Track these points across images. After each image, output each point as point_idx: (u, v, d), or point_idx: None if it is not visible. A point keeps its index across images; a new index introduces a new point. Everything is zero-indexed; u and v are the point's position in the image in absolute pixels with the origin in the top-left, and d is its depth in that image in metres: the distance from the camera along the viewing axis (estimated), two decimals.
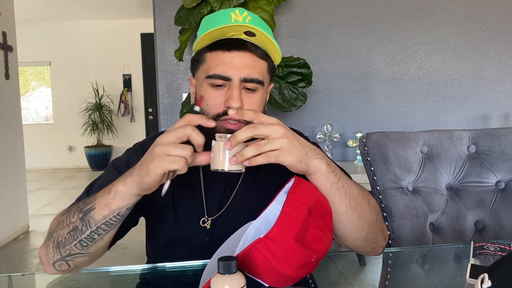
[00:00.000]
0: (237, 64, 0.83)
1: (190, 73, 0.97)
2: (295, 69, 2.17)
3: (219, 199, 0.92)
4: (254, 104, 0.86)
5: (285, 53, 2.43)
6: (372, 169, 1.22)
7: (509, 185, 1.25)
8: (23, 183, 3.80)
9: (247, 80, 0.83)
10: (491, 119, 2.60)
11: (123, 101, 6.91)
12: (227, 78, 0.83)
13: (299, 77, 2.18)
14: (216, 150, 0.70)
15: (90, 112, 6.73)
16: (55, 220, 0.81)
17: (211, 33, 0.82)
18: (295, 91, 2.18)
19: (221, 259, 0.58)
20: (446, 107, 2.59)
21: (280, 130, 0.69)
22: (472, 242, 0.89)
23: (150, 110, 6.78)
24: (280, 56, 0.89)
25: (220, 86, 0.84)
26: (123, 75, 6.96)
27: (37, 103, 7.36)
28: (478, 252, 0.85)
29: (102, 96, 6.82)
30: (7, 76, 3.49)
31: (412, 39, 2.54)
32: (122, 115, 6.94)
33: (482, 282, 0.55)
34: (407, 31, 2.53)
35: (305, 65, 2.17)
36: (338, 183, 0.75)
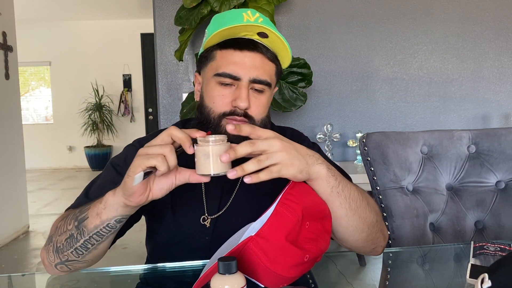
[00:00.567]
0: (248, 64, 0.83)
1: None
2: (295, 69, 2.17)
3: (219, 199, 0.92)
4: (261, 106, 0.86)
5: None
6: (372, 169, 1.22)
7: (509, 185, 1.25)
8: (23, 183, 3.80)
9: (256, 81, 0.83)
10: (491, 119, 2.60)
11: (123, 101, 6.91)
12: (236, 78, 0.83)
13: (299, 77, 2.18)
14: (199, 155, 0.68)
15: (90, 112, 6.73)
16: (54, 224, 0.82)
17: (224, 31, 0.81)
18: (295, 91, 2.18)
19: (221, 259, 0.58)
20: (446, 107, 2.59)
21: (277, 144, 0.67)
22: (472, 242, 0.89)
23: (150, 110, 6.78)
24: (290, 59, 0.89)
25: (228, 84, 0.84)
26: (123, 75, 6.96)
27: (37, 103, 7.36)
28: (478, 252, 0.85)
29: (102, 96, 6.82)
30: (7, 76, 3.49)
31: (412, 39, 2.54)
32: (122, 115, 6.94)
33: (482, 282, 0.55)
34: (407, 31, 2.53)
35: (305, 65, 2.17)
36: (338, 186, 0.74)
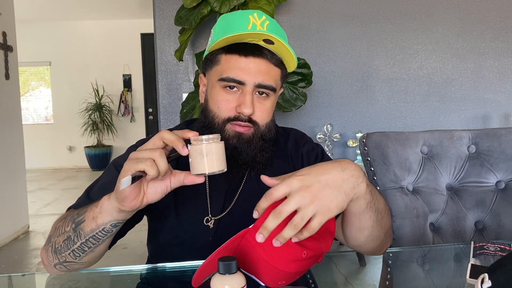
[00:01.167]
0: (253, 70, 0.83)
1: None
2: (295, 69, 2.17)
3: (222, 199, 0.92)
4: (265, 111, 0.86)
5: None
6: (372, 169, 1.22)
7: (509, 185, 1.25)
8: (23, 183, 3.80)
9: (261, 86, 0.83)
10: (491, 119, 2.60)
11: (123, 101, 6.91)
12: (241, 83, 0.83)
13: (299, 77, 2.18)
14: (193, 154, 0.67)
15: (90, 112, 6.73)
16: (54, 224, 0.82)
17: (230, 37, 0.81)
18: (295, 91, 2.18)
19: (221, 259, 0.58)
20: (446, 107, 2.59)
21: (304, 196, 0.59)
22: (472, 242, 0.89)
23: (150, 110, 6.78)
24: (295, 64, 0.89)
25: (233, 89, 0.84)
26: (123, 75, 6.96)
27: (37, 103, 7.36)
28: (478, 252, 0.85)
29: (102, 96, 6.82)
30: (7, 76, 3.49)
31: (412, 39, 2.54)
32: (122, 115, 6.94)
33: (482, 282, 0.55)
34: (407, 31, 2.53)
35: (305, 65, 2.17)
36: (372, 200, 0.69)
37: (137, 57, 6.76)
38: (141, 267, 0.91)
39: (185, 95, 2.41)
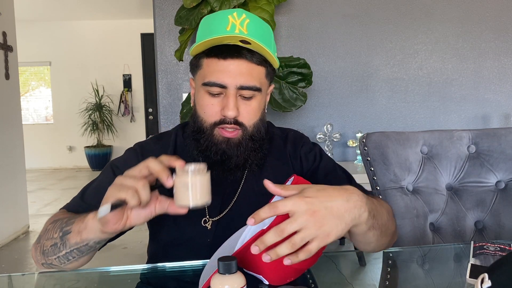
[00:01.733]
0: (233, 72, 0.82)
1: (189, 70, 0.97)
2: (295, 69, 2.17)
3: (220, 201, 0.92)
4: (251, 111, 0.85)
5: (285, 53, 2.43)
6: (372, 169, 1.22)
7: (509, 185, 1.25)
8: (23, 183, 3.80)
9: (243, 87, 0.82)
10: (491, 119, 2.60)
11: (123, 101, 6.91)
12: (223, 86, 0.82)
13: (299, 77, 2.18)
14: (178, 186, 0.65)
15: (90, 112, 6.73)
16: (46, 223, 0.83)
17: (207, 40, 0.81)
18: (295, 91, 2.18)
19: (221, 259, 0.58)
20: (446, 107, 2.59)
21: (309, 220, 0.60)
22: (472, 242, 0.89)
23: (150, 110, 6.78)
24: (276, 62, 0.88)
25: (217, 94, 0.83)
26: (123, 75, 6.96)
27: (37, 103, 7.36)
28: (478, 252, 0.85)
29: (102, 96, 6.82)
30: (7, 76, 3.49)
31: (412, 39, 2.54)
32: (122, 115, 6.94)
33: (482, 282, 0.55)
34: (407, 31, 2.53)
35: (305, 65, 2.17)
36: (374, 221, 0.70)
37: (137, 57, 6.76)
38: (141, 267, 0.91)
39: (185, 95, 2.41)
